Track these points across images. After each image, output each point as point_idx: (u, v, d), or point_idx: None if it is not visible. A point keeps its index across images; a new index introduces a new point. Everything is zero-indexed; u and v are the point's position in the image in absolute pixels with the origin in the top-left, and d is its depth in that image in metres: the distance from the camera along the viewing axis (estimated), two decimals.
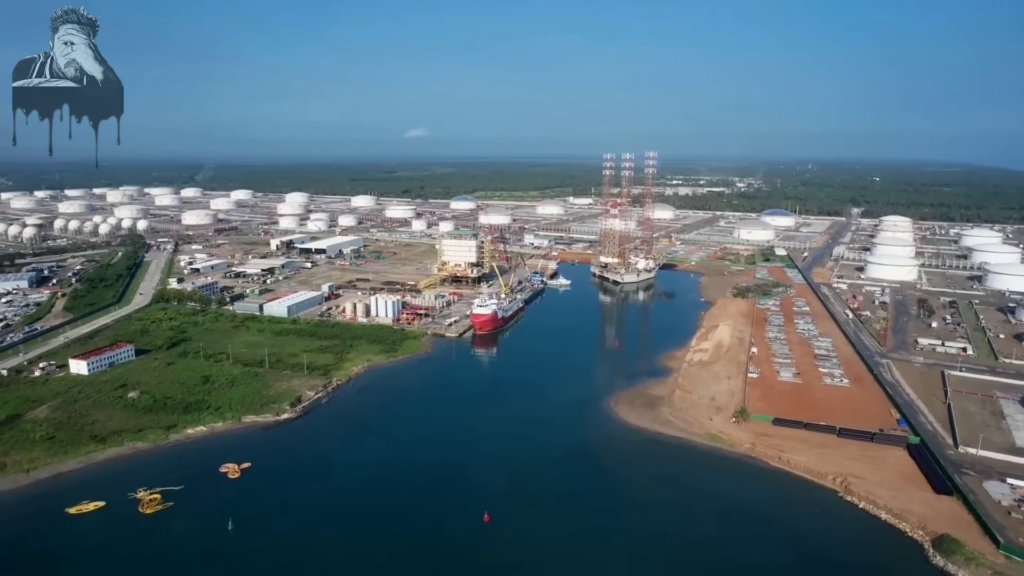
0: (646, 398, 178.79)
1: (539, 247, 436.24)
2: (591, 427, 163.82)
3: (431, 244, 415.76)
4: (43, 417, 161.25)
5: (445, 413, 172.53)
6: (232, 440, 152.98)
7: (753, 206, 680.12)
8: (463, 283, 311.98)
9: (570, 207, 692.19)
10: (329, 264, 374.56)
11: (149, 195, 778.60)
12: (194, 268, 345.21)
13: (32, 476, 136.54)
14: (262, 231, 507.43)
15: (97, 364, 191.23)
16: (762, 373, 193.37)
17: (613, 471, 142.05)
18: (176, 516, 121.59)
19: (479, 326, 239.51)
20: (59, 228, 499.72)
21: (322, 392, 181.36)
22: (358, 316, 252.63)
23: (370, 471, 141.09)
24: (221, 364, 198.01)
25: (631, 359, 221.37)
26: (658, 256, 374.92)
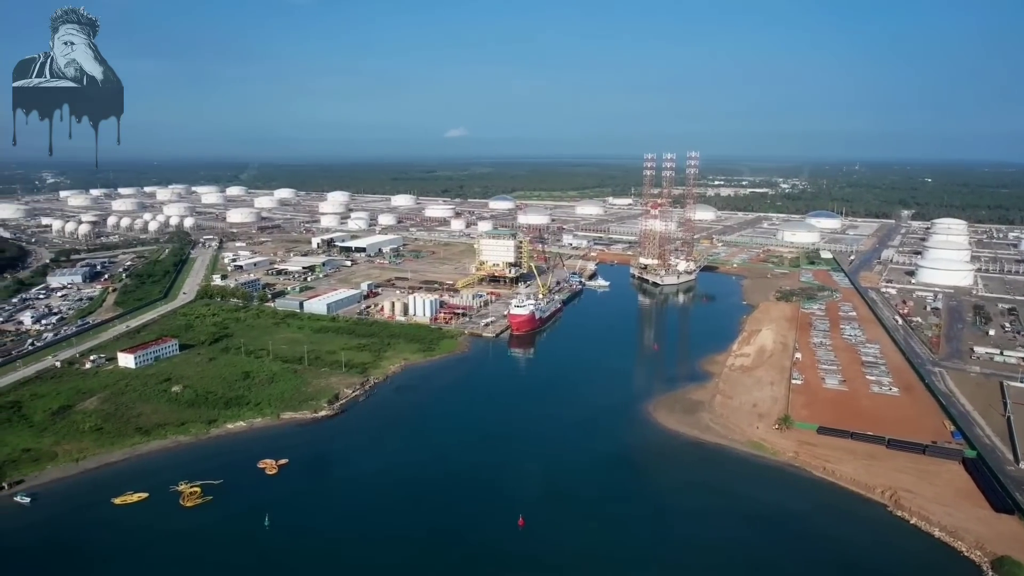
0: (686, 403, 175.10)
1: (578, 247, 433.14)
2: (629, 431, 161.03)
3: (469, 243, 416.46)
4: (92, 408, 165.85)
5: (481, 413, 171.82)
6: (270, 436, 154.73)
7: (798, 208, 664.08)
8: (501, 283, 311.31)
9: (609, 207, 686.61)
10: (368, 263, 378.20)
11: (196, 193, 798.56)
12: (237, 265, 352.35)
13: (81, 465, 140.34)
14: (304, 229, 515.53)
15: (143, 358, 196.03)
16: (806, 380, 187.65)
17: (651, 477, 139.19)
18: (215, 510, 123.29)
19: (516, 327, 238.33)
20: (112, 225, 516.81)
21: (359, 390, 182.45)
22: (396, 315, 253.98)
23: (405, 471, 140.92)
24: (261, 360, 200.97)
25: (670, 363, 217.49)
26: (699, 258, 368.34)
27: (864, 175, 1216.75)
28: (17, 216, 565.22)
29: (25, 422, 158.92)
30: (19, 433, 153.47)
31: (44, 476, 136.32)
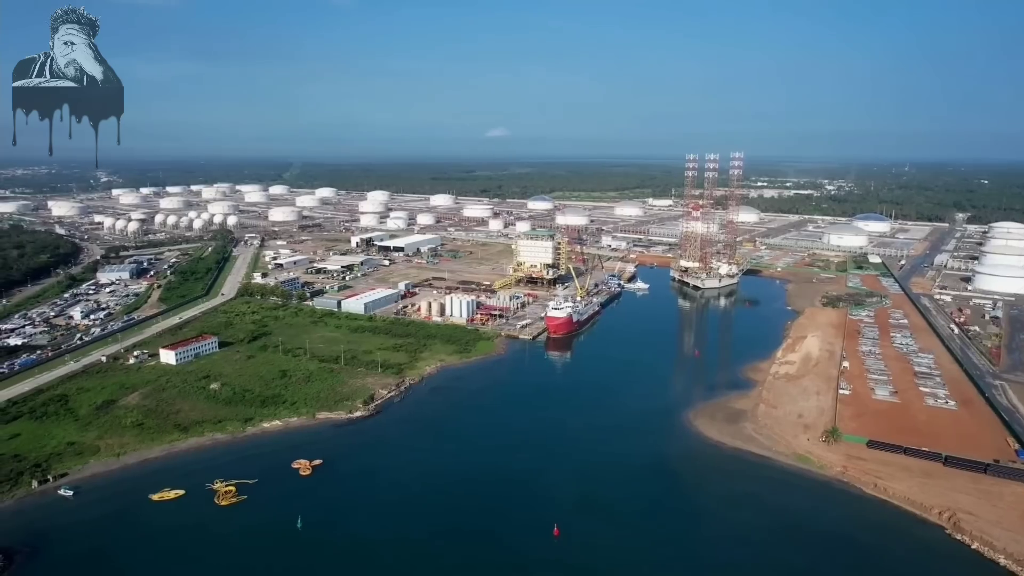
0: (727, 412, 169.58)
1: (617, 249, 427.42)
2: (668, 440, 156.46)
3: (507, 244, 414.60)
4: (134, 404, 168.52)
5: (516, 417, 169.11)
6: (306, 436, 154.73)
7: (844, 210, 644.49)
8: (538, 284, 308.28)
9: (649, 208, 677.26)
10: (407, 262, 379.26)
11: (240, 192, 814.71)
12: (277, 263, 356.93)
13: (122, 460, 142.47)
14: (343, 228, 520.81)
15: (184, 355, 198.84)
16: (855, 390, 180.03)
17: (691, 489, 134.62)
18: (249, 510, 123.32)
19: (554, 329, 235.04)
20: (159, 223, 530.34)
21: (395, 391, 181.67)
22: (433, 315, 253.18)
23: (439, 474, 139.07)
24: (299, 359, 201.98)
25: (711, 369, 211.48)
26: (741, 261, 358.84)
27: (915, 176, 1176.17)
28: (72, 214, 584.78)
29: (71, 416, 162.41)
30: (65, 426, 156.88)
31: (87, 470, 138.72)
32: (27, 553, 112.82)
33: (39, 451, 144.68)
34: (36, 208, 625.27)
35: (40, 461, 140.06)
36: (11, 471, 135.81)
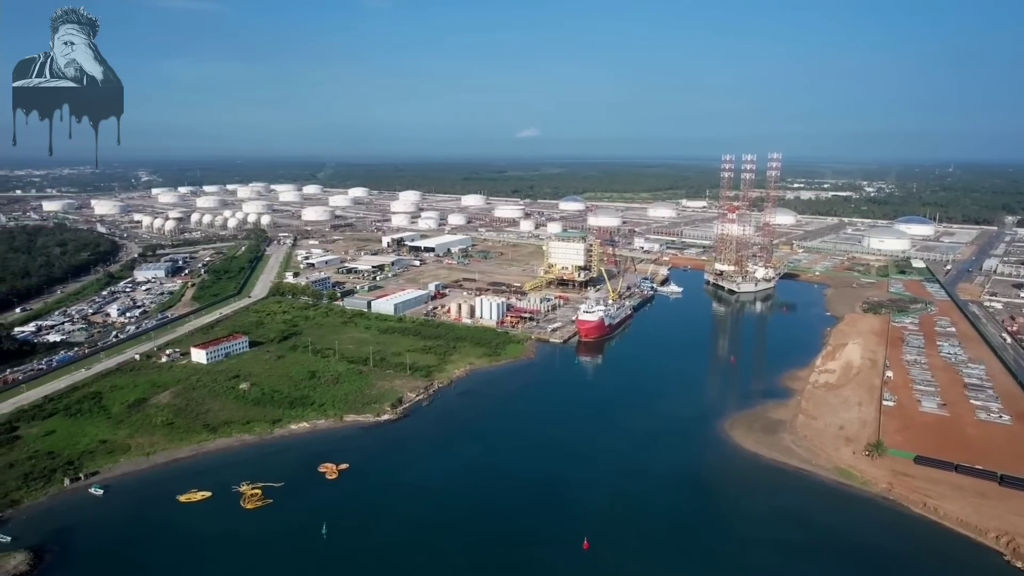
0: (765, 421, 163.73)
1: (649, 251, 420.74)
2: (703, 450, 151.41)
3: (538, 245, 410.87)
4: (165, 403, 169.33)
5: (546, 424, 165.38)
6: (333, 439, 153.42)
7: (885, 212, 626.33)
8: (569, 286, 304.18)
9: (683, 210, 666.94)
10: (437, 262, 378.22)
11: (274, 192, 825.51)
12: (309, 263, 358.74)
13: (151, 460, 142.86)
14: (375, 228, 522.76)
15: (215, 354, 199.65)
16: (899, 401, 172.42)
17: (728, 502, 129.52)
18: (274, 514, 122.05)
19: (585, 333, 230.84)
20: (195, 221, 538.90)
21: (423, 394, 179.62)
22: (462, 317, 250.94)
23: (466, 481, 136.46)
24: (328, 360, 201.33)
25: (747, 377, 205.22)
26: (778, 264, 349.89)
27: (960, 178, 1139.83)
28: (113, 212, 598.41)
29: (104, 413, 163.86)
30: (98, 424, 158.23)
31: (117, 469, 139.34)
32: (56, 552, 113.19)
33: (72, 448, 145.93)
34: (80, 207, 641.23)
35: (73, 459, 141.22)
36: (45, 468, 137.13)
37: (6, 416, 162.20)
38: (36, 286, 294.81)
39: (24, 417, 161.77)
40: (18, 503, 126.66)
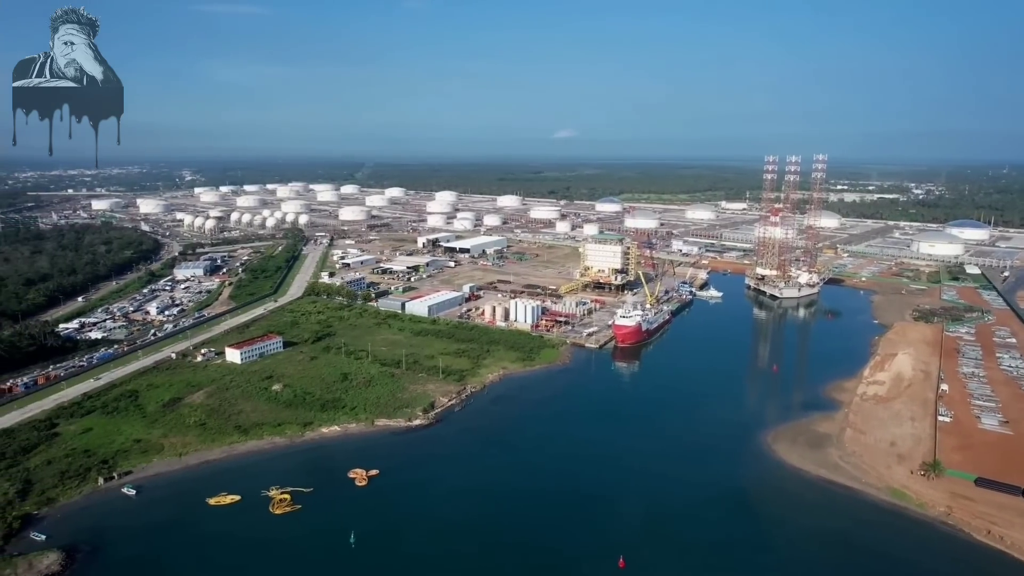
0: (810, 435, 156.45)
1: (688, 254, 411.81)
2: (744, 464, 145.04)
3: (574, 247, 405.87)
4: (199, 403, 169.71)
5: (581, 432, 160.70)
6: (363, 443, 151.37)
7: (935, 216, 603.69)
8: (606, 290, 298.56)
9: (722, 212, 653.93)
10: (472, 264, 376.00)
11: (313, 191, 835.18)
12: (345, 263, 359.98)
13: (183, 461, 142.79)
14: (411, 228, 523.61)
15: (249, 354, 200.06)
16: (956, 417, 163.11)
17: (771, 521, 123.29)
18: (302, 521, 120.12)
19: (621, 338, 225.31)
20: (235, 220, 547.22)
21: (455, 399, 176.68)
22: (497, 320, 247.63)
23: (498, 492, 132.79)
24: (360, 362, 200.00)
25: (791, 386, 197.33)
26: (822, 269, 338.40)
27: (1016, 179, 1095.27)
28: (157, 211, 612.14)
29: (139, 412, 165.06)
30: (133, 423, 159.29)
31: (150, 469, 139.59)
32: (87, 553, 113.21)
33: (107, 447, 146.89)
34: (126, 205, 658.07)
35: (107, 458, 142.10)
36: (80, 467, 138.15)
37: (47, 413, 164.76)
38: (82, 283, 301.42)
39: (63, 414, 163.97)
40: (54, 501, 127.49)
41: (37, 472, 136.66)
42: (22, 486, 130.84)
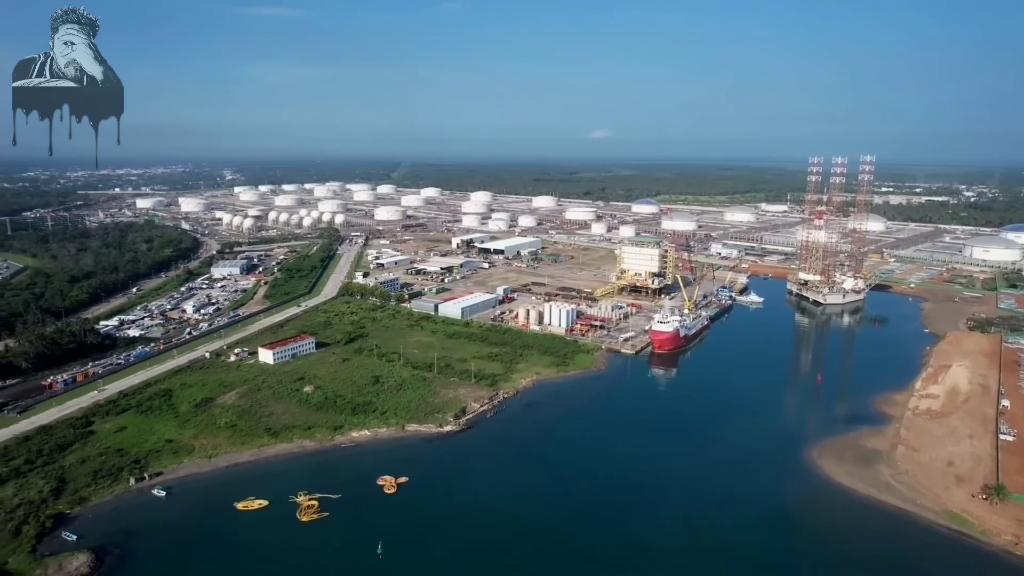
0: (858, 451, 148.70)
1: (727, 257, 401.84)
2: (788, 480, 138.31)
3: (610, 249, 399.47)
4: (230, 403, 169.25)
5: (615, 442, 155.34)
6: (393, 449, 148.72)
7: (989, 219, 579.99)
8: (642, 293, 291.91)
9: (762, 214, 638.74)
10: (506, 265, 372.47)
11: (349, 191, 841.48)
12: (379, 263, 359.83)
13: (213, 463, 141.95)
14: (445, 229, 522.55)
15: (281, 354, 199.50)
16: (1021, 436, 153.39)
17: (818, 542, 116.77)
18: (329, 529, 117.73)
19: (659, 344, 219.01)
20: (272, 219, 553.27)
21: (487, 405, 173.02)
22: (530, 323, 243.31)
23: (529, 503, 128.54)
24: (392, 364, 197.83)
25: (836, 398, 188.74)
26: (868, 275, 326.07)
27: None
28: (197, 210, 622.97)
29: (172, 411, 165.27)
30: (166, 422, 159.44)
31: (180, 470, 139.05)
32: (116, 555, 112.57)
33: (140, 447, 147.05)
34: (169, 204, 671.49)
35: (139, 457, 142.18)
36: (113, 466, 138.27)
37: (84, 411, 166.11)
38: (122, 281, 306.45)
39: (100, 412, 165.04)
40: (86, 500, 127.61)
41: (71, 470, 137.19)
42: (56, 484, 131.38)
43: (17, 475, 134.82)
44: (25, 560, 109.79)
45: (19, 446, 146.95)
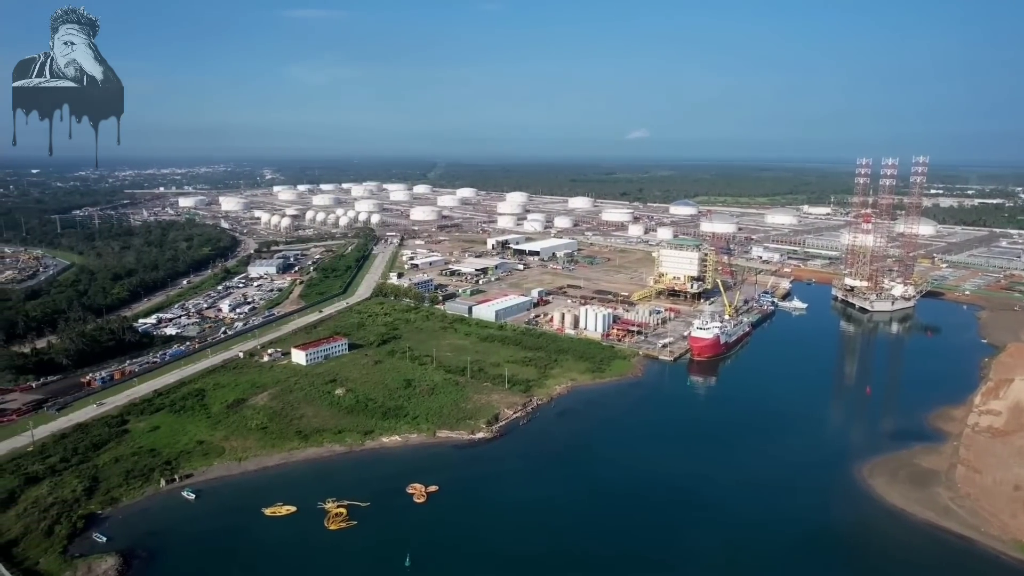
0: (912, 470, 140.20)
1: (768, 261, 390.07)
2: (836, 500, 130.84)
3: (647, 251, 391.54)
4: (262, 405, 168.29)
5: (652, 455, 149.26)
6: (424, 456, 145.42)
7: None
8: (680, 298, 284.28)
9: (804, 217, 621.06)
10: (541, 267, 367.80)
11: (386, 191, 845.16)
12: (414, 263, 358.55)
13: (242, 466, 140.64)
14: (480, 229, 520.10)
15: (314, 356, 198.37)
16: None
17: (869, 569, 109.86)
18: (357, 538, 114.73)
19: (698, 351, 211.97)
20: (309, 219, 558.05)
21: (521, 411, 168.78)
22: (565, 327, 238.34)
23: (562, 516, 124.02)
24: (425, 367, 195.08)
25: (886, 411, 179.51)
26: (919, 281, 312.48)
27: None
28: (237, 209, 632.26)
29: (204, 412, 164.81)
30: (198, 423, 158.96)
31: (210, 472, 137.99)
32: (144, 559, 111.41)
33: (172, 447, 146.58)
34: (209, 203, 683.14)
35: (171, 458, 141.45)
36: (145, 467, 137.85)
37: (119, 409, 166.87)
38: (162, 279, 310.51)
39: (134, 411, 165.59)
40: (117, 501, 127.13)
41: (105, 470, 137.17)
42: (89, 483, 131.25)
43: (53, 473, 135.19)
44: (56, 561, 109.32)
45: (56, 444, 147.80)
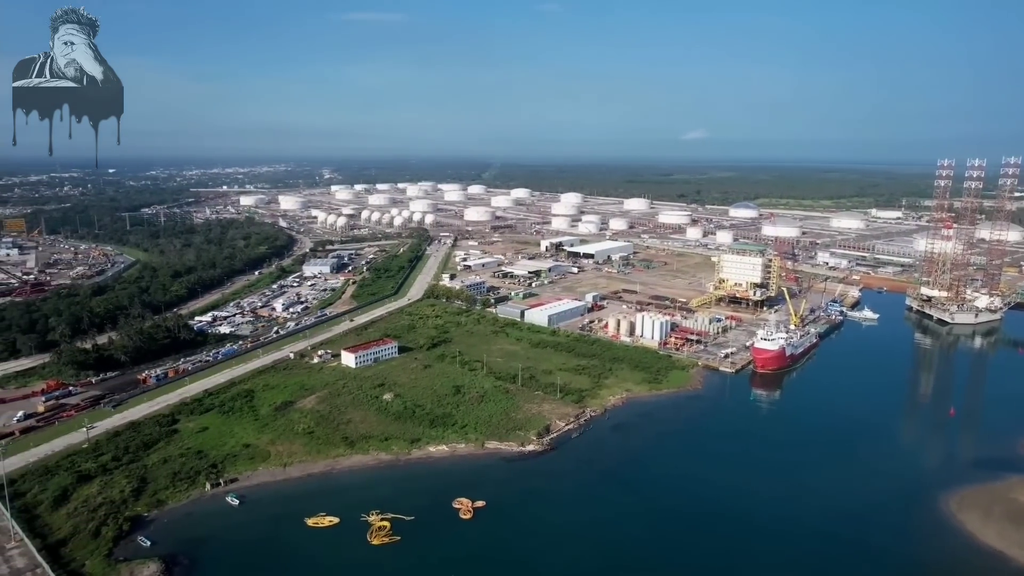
0: (1010, 505, 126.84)
1: (835, 268, 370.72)
2: (920, 537, 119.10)
3: (706, 255, 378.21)
4: (309, 408, 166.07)
5: (712, 475, 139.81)
6: (471, 468, 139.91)
7: None
8: (742, 305, 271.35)
9: (872, 221, 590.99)
10: (596, 270, 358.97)
11: (440, 191, 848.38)
12: (466, 265, 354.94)
13: (287, 472, 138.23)
14: (534, 231, 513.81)
15: (363, 358, 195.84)
16: None
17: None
18: (400, 554, 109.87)
19: (762, 363, 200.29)
20: (364, 218, 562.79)
21: (573, 423, 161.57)
22: (621, 334, 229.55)
23: (613, 538, 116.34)
24: (475, 373, 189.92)
25: (973, 436, 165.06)
26: (1006, 291, 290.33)
27: None
28: (295, 208, 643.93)
29: (252, 414, 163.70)
30: (246, 425, 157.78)
31: (255, 477, 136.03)
32: (186, 566, 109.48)
33: (219, 449, 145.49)
34: (269, 202, 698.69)
35: (217, 461, 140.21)
36: (192, 469, 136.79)
37: (171, 408, 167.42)
38: (219, 277, 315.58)
39: (185, 410, 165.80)
40: (163, 504, 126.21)
41: (153, 470, 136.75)
42: (138, 484, 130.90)
43: (104, 472, 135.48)
44: (100, 565, 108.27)
45: (109, 442, 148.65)
